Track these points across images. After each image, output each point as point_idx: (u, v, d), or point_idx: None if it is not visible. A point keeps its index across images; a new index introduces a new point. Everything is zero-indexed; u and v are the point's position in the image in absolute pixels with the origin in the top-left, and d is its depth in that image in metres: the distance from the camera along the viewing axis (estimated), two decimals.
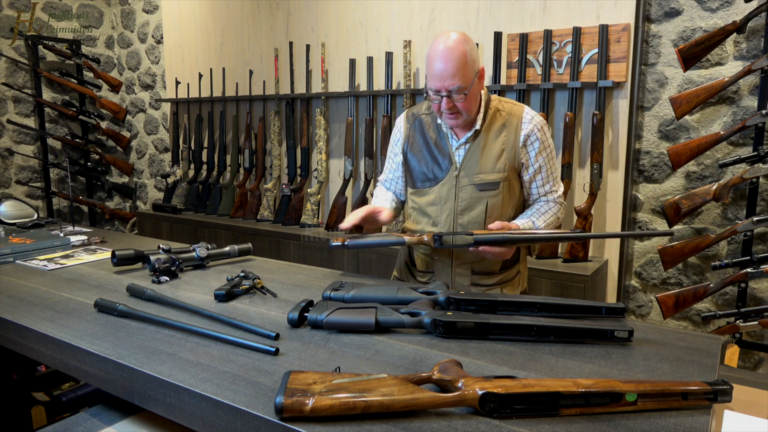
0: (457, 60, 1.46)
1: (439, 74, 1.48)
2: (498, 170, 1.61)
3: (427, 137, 1.67)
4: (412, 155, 1.70)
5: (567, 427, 0.86)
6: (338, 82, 3.37)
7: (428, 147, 1.67)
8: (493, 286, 1.68)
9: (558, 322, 1.19)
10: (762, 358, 2.46)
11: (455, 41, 1.47)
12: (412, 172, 1.72)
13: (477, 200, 1.61)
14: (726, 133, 2.25)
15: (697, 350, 1.16)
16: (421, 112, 1.71)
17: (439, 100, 1.52)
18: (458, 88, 1.48)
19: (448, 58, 1.46)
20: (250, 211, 3.63)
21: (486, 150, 1.61)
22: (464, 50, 1.47)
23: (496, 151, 1.61)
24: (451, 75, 1.46)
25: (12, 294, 1.56)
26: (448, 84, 1.48)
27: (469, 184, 1.61)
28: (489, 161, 1.61)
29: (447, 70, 1.46)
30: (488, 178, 1.60)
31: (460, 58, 1.46)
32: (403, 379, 0.93)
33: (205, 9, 3.96)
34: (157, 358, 1.11)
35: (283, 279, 1.71)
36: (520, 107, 1.65)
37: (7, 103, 4.11)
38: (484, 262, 1.65)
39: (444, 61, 1.46)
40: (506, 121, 1.62)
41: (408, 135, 1.71)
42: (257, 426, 0.91)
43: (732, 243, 2.42)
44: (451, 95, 1.49)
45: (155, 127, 4.61)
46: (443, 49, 1.47)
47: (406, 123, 1.73)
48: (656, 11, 2.47)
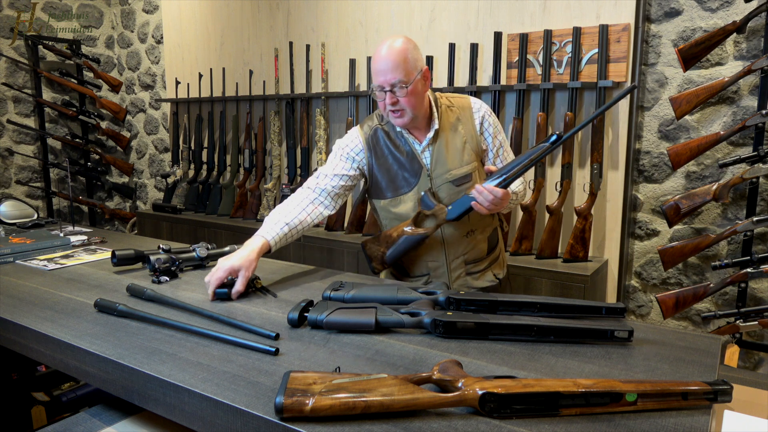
0: (396, 56, 1.54)
1: (380, 69, 1.56)
2: (466, 162, 1.67)
3: (392, 147, 1.70)
4: (379, 167, 1.71)
5: (567, 427, 0.86)
6: (338, 82, 3.37)
7: (394, 155, 1.69)
8: (485, 269, 1.77)
9: (558, 322, 1.19)
10: (762, 358, 2.46)
11: (397, 42, 1.57)
12: (380, 184, 1.72)
13: (456, 195, 1.65)
14: (726, 133, 2.25)
15: (697, 350, 1.16)
16: (375, 124, 1.73)
17: (384, 97, 1.58)
18: (399, 81, 1.54)
19: (388, 55, 1.55)
20: (250, 211, 3.63)
21: (450, 146, 1.67)
22: (404, 48, 1.56)
23: (460, 145, 1.68)
24: (391, 69, 1.54)
25: (12, 294, 1.56)
26: (389, 78, 1.55)
27: (444, 182, 1.66)
28: (456, 156, 1.67)
29: (387, 64, 1.54)
30: (460, 172, 1.66)
31: (400, 54, 1.55)
32: (403, 379, 0.93)
33: (205, 9, 3.96)
34: (157, 358, 1.11)
35: (283, 279, 1.71)
36: (466, 99, 1.74)
37: (7, 103, 4.11)
38: (475, 250, 1.72)
39: (385, 57, 1.55)
40: (459, 114, 1.70)
41: (369, 147, 1.71)
42: (257, 426, 0.91)
43: (732, 243, 2.42)
44: (393, 90, 1.56)
45: (155, 127, 4.61)
46: (384, 48, 1.56)
47: (364, 135, 1.73)
48: (656, 11, 2.47)
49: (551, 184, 2.67)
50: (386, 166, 1.70)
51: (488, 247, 1.77)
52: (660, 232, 2.59)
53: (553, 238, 2.58)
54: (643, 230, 2.63)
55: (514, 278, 2.51)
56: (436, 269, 1.73)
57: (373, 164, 1.72)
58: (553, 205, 2.58)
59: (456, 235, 1.70)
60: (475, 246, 1.72)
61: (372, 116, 1.77)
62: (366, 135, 1.72)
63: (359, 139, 1.73)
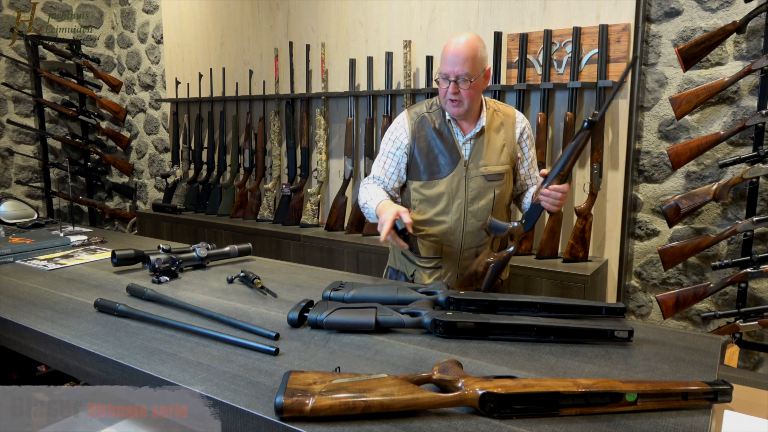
0: (468, 51, 1.64)
1: (450, 60, 1.64)
2: (502, 162, 1.79)
3: (435, 134, 1.78)
4: (419, 150, 1.79)
5: (567, 427, 0.86)
6: (338, 82, 3.37)
7: (436, 142, 1.78)
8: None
9: (558, 322, 1.19)
10: (762, 358, 2.46)
11: (471, 36, 1.66)
12: (418, 166, 1.80)
13: (486, 190, 1.76)
14: (726, 133, 2.25)
15: (697, 350, 1.16)
16: (423, 111, 1.82)
17: (447, 85, 1.67)
18: (466, 74, 1.64)
19: (461, 48, 1.64)
20: (250, 211, 3.63)
21: (490, 145, 1.78)
22: (476, 45, 1.66)
23: (499, 146, 1.79)
24: (461, 62, 1.63)
25: (12, 294, 1.56)
26: (457, 69, 1.64)
27: (478, 175, 1.76)
28: (494, 154, 1.78)
29: (459, 56, 1.63)
30: (495, 170, 1.77)
31: (472, 49, 1.64)
32: (403, 379, 0.93)
33: (205, 9, 3.96)
34: (157, 358, 1.11)
35: (283, 279, 1.71)
36: (512, 109, 1.88)
37: (7, 103, 4.11)
38: (486, 244, 1.78)
39: (457, 49, 1.64)
40: (503, 120, 1.82)
41: (414, 131, 1.80)
42: (257, 426, 0.91)
43: (732, 243, 2.42)
44: (458, 81, 1.65)
45: (155, 127, 4.61)
46: (459, 40, 1.65)
47: (410, 121, 1.82)
48: (656, 11, 2.47)
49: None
50: (426, 150, 1.79)
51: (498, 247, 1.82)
52: (660, 232, 2.59)
53: (553, 238, 2.58)
54: (643, 230, 2.63)
55: (514, 278, 2.51)
56: (449, 254, 1.81)
57: (414, 147, 1.80)
58: None
59: (476, 226, 1.78)
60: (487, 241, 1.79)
61: (421, 103, 1.87)
62: (413, 120, 1.82)
63: (405, 126, 1.82)
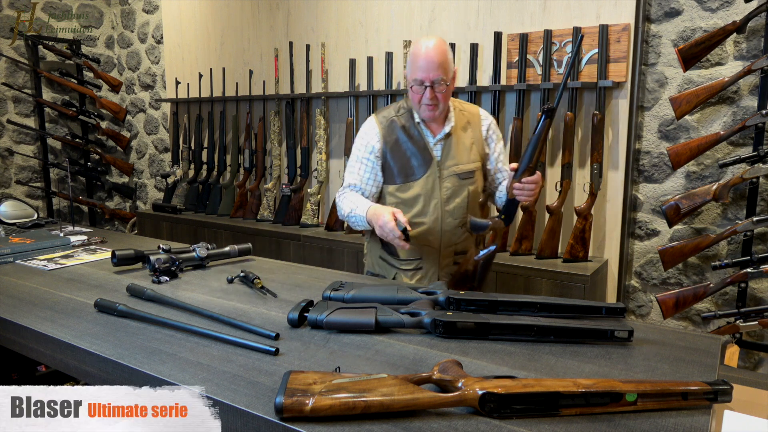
0: (440, 55, 1.67)
1: (424, 66, 1.67)
2: (472, 160, 1.83)
3: (406, 137, 1.81)
4: (392, 155, 1.82)
5: (567, 427, 0.86)
6: (338, 82, 3.37)
7: (407, 144, 1.81)
8: None
9: (558, 322, 1.19)
10: (762, 358, 2.46)
11: (439, 41, 1.70)
12: (392, 170, 1.83)
13: (460, 188, 1.80)
14: (726, 133, 2.25)
15: (697, 350, 1.16)
16: (392, 115, 1.85)
17: (422, 91, 1.70)
18: (441, 79, 1.68)
19: (433, 53, 1.67)
20: (250, 211, 3.63)
21: (460, 144, 1.82)
22: (445, 49, 1.70)
23: (468, 144, 1.83)
24: (435, 67, 1.67)
25: (12, 294, 1.56)
26: (432, 75, 1.67)
27: (451, 174, 1.80)
28: (464, 153, 1.82)
29: (432, 62, 1.66)
30: (467, 168, 1.82)
31: (443, 53, 1.69)
32: (403, 379, 0.93)
33: (205, 9, 3.96)
34: (157, 358, 1.11)
35: (283, 279, 1.71)
36: (475, 107, 1.93)
37: (7, 103, 4.11)
38: (465, 242, 1.84)
39: (430, 55, 1.67)
40: (469, 119, 1.87)
41: (384, 135, 1.82)
42: (257, 426, 0.91)
43: (732, 243, 2.42)
44: (434, 85, 1.68)
45: (155, 127, 4.61)
46: (430, 46, 1.68)
47: (380, 125, 1.84)
48: (656, 11, 2.47)
49: (551, 184, 2.67)
50: (399, 154, 1.82)
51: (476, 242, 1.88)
52: (660, 232, 2.59)
53: (553, 238, 2.58)
54: (643, 230, 2.63)
55: (514, 278, 2.51)
56: (430, 255, 1.83)
57: (386, 151, 1.83)
58: (553, 205, 2.58)
59: (453, 224, 1.81)
60: (466, 238, 1.85)
61: (388, 107, 1.90)
62: (382, 124, 1.84)
63: (375, 130, 1.84)
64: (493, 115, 2.72)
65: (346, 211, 1.81)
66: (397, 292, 1.37)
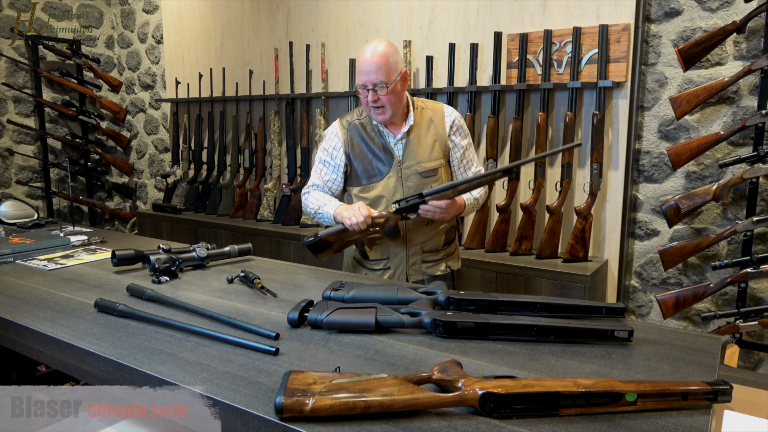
0: (379, 59, 1.72)
1: (365, 69, 1.74)
2: (434, 158, 1.86)
3: (367, 139, 1.87)
4: (355, 157, 1.88)
5: (567, 427, 0.86)
6: (338, 82, 3.37)
7: (369, 147, 1.86)
8: (440, 260, 1.93)
9: (558, 322, 1.19)
10: (762, 358, 2.46)
11: (380, 46, 1.75)
12: (356, 171, 1.89)
13: (422, 186, 1.82)
14: (726, 133, 2.25)
15: (697, 350, 1.16)
16: (354, 119, 1.91)
17: (366, 95, 1.76)
18: (380, 81, 1.73)
19: (372, 58, 1.73)
20: (250, 211, 3.63)
21: (421, 142, 1.85)
22: (386, 52, 1.74)
23: (430, 142, 1.86)
24: (374, 70, 1.72)
25: (12, 294, 1.56)
26: (372, 78, 1.73)
27: (413, 173, 1.84)
28: (426, 151, 1.85)
29: (371, 66, 1.72)
30: (428, 166, 1.85)
31: (382, 57, 1.73)
32: (403, 379, 0.93)
33: (205, 9, 3.96)
34: (157, 358, 1.11)
35: (283, 279, 1.71)
36: (440, 105, 1.95)
37: (7, 103, 4.11)
38: (433, 240, 1.89)
39: (369, 59, 1.73)
40: (432, 116, 1.89)
41: (346, 139, 1.88)
42: (257, 426, 0.91)
43: (732, 243, 2.42)
44: (375, 88, 1.74)
45: (155, 127, 4.61)
46: (369, 50, 1.74)
47: (342, 129, 1.90)
48: (656, 11, 2.47)
49: (551, 184, 2.67)
50: (362, 156, 1.87)
51: (445, 241, 1.94)
52: (660, 232, 2.59)
53: (553, 238, 2.58)
54: (643, 230, 2.63)
55: (514, 278, 2.51)
56: (396, 255, 1.88)
57: (350, 154, 1.88)
58: (553, 205, 2.58)
59: (418, 223, 1.85)
60: (433, 236, 1.89)
61: (352, 112, 1.95)
62: (345, 128, 1.90)
63: (338, 135, 1.90)
64: (493, 115, 2.73)
65: (313, 208, 1.90)
66: (397, 292, 1.37)
